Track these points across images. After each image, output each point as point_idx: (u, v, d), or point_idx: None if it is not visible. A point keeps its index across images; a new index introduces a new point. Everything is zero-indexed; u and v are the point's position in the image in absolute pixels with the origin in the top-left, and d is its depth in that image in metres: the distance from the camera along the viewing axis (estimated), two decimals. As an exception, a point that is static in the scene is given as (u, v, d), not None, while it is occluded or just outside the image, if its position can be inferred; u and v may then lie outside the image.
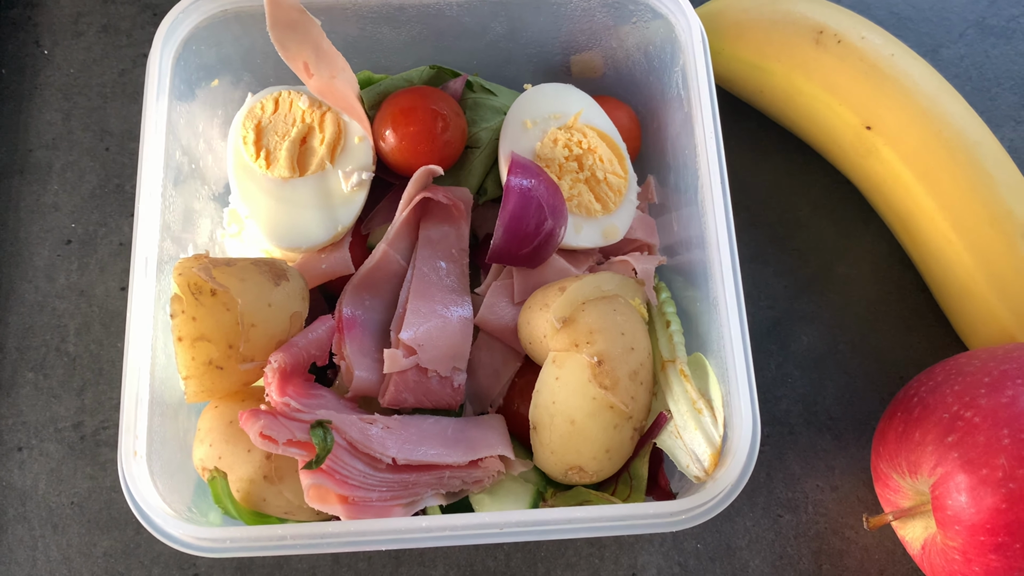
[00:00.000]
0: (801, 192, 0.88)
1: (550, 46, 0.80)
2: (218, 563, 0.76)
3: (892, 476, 0.70)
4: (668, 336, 0.71)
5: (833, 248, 0.86)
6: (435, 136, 0.73)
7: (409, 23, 0.75)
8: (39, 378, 0.81)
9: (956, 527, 0.64)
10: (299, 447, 0.61)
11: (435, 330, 0.71)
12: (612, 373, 0.65)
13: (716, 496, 0.59)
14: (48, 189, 0.87)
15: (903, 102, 0.78)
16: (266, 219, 0.72)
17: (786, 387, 0.82)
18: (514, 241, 0.71)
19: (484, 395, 0.74)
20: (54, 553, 0.76)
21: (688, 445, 0.64)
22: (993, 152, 0.78)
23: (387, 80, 0.77)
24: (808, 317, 0.84)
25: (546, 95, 0.77)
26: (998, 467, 0.62)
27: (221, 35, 0.73)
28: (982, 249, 0.76)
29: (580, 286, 0.68)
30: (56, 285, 0.84)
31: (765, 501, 0.79)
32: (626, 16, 0.75)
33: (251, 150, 0.73)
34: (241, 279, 0.64)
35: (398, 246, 0.74)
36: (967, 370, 0.68)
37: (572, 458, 0.66)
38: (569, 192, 0.75)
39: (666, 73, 0.75)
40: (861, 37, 0.80)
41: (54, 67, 0.91)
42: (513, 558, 0.77)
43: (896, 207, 0.80)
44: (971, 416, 0.64)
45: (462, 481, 0.67)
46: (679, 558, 0.77)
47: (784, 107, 0.84)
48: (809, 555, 0.77)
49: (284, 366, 0.64)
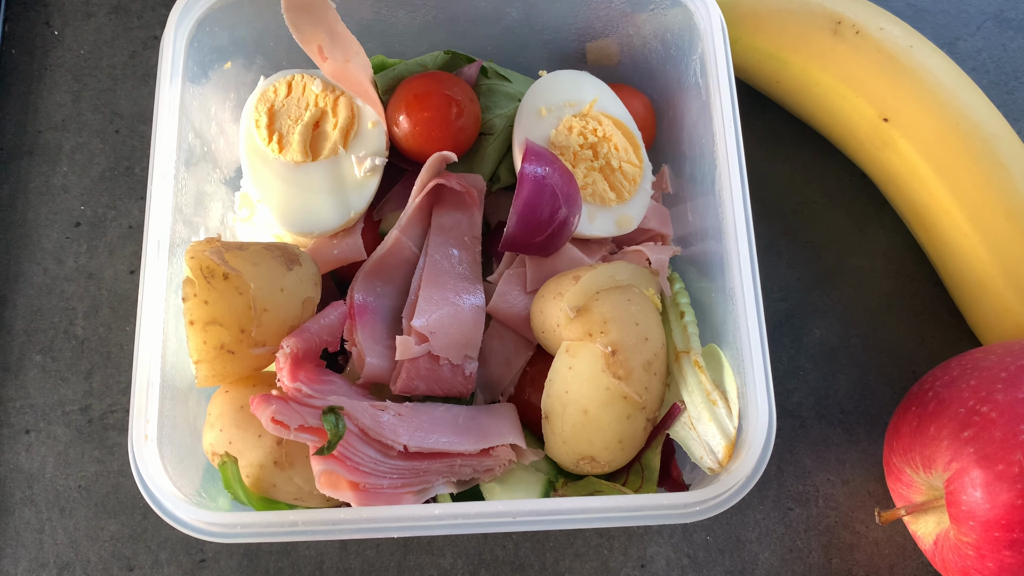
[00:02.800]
0: (816, 184, 0.87)
1: (566, 32, 0.79)
2: (225, 549, 0.76)
3: (905, 470, 0.70)
4: (682, 327, 0.70)
5: (847, 241, 0.85)
6: (449, 122, 0.72)
7: (424, 7, 0.74)
8: (47, 361, 0.80)
9: (970, 522, 0.63)
10: (311, 433, 0.61)
11: (447, 318, 0.70)
12: (626, 363, 0.64)
13: (730, 488, 0.58)
14: (57, 171, 0.86)
15: (921, 94, 0.78)
16: (278, 203, 0.72)
17: (798, 380, 0.81)
18: (527, 229, 0.70)
19: (495, 384, 0.73)
20: (61, 536, 0.76)
21: (702, 437, 0.64)
22: (1011, 146, 0.77)
23: (401, 65, 0.77)
24: (821, 310, 0.83)
25: (561, 82, 0.77)
26: (1015, 463, 0.61)
27: (235, 17, 0.72)
28: (998, 243, 0.75)
29: (594, 275, 0.68)
30: (65, 267, 0.83)
31: (776, 494, 0.78)
32: (644, 3, 0.75)
33: (263, 134, 0.72)
34: (254, 263, 0.64)
35: (410, 233, 0.74)
36: (983, 365, 0.67)
37: (584, 448, 0.65)
38: (583, 180, 0.74)
39: (684, 61, 0.74)
40: (879, 28, 0.80)
41: (64, 48, 0.90)
42: (522, 547, 0.76)
43: (912, 200, 0.80)
44: (987, 411, 0.64)
45: (473, 469, 0.67)
46: (688, 550, 0.76)
47: (800, 98, 0.83)
48: (819, 549, 0.77)
49: (296, 351, 0.64)
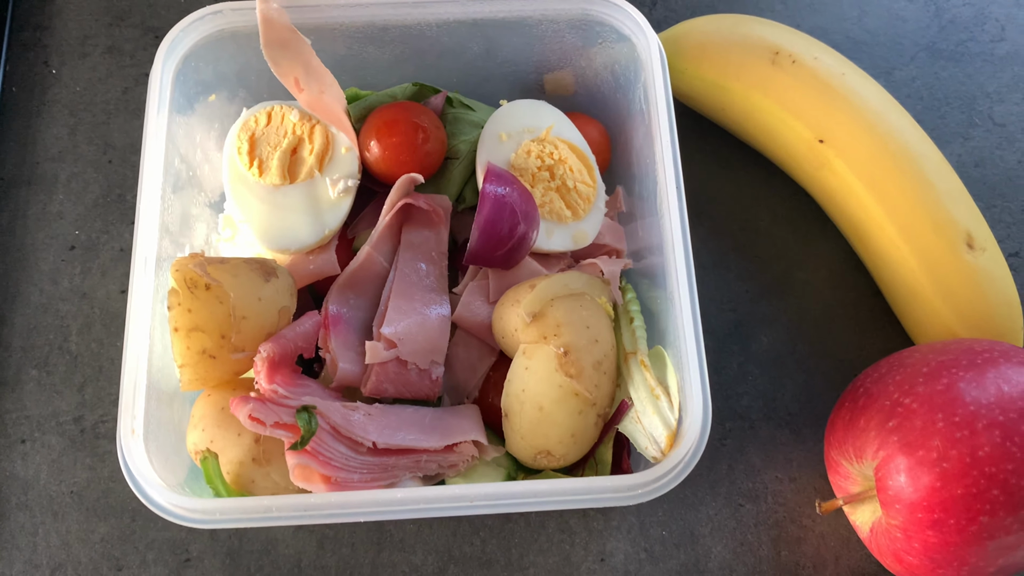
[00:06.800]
0: (762, 203, 0.93)
1: (524, 65, 0.86)
2: (209, 549, 0.80)
3: (842, 463, 0.75)
4: (631, 331, 0.76)
5: (792, 255, 0.92)
6: (416, 147, 0.79)
7: (393, 43, 0.81)
8: (42, 375, 0.86)
9: (897, 506, 0.68)
10: (285, 429, 0.66)
11: (415, 326, 0.76)
12: (577, 363, 0.70)
13: (671, 471, 0.64)
14: (54, 199, 0.92)
15: (853, 117, 0.84)
16: (258, 223, 0.78)
17: (747, 385, 0.87)
18: (489, 244, 0.76)
19: (461, 388, 0.78)
20: (54, 539, 0.81)
21: (647, 429, 0.69)
22: (936, 164, 0.83)
23: (373, 96, 0.83)
24: (768, 320, 0.89)
25: (520, 110, 0.83)
26: (933, 448, 0.67)
27: (218, 53, 0.78)
28: (927, 254, 0.81)
29: (549, 284, 0.73)
30: (60, 288, 0.89)
31: (727, 491, 0.83)
32: (593, 38, 0.81)
33: (245, 160, 0.79)
34: (234, 275, 0.69)
35: (381, 249, 0.79)
36: (908, 362, 0.73)
37: (540, 442, 0.71)
38: (541, 199, 0.80)
39: (631, 90, 0.81)
40: (814, 57, 0.87)
41: (61, 85, 0.97)
42: (489, 543, 0.81)
43: (849, 215, 0.86)
44: (910, 403, 0.69)
45: (438, 465, 0.72)
46: (645, 544, 0.81)
47: (744, 123, 0.90)
48: (768, 542, 0.82)
49: (272, 355, 0.69)
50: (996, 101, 0.98)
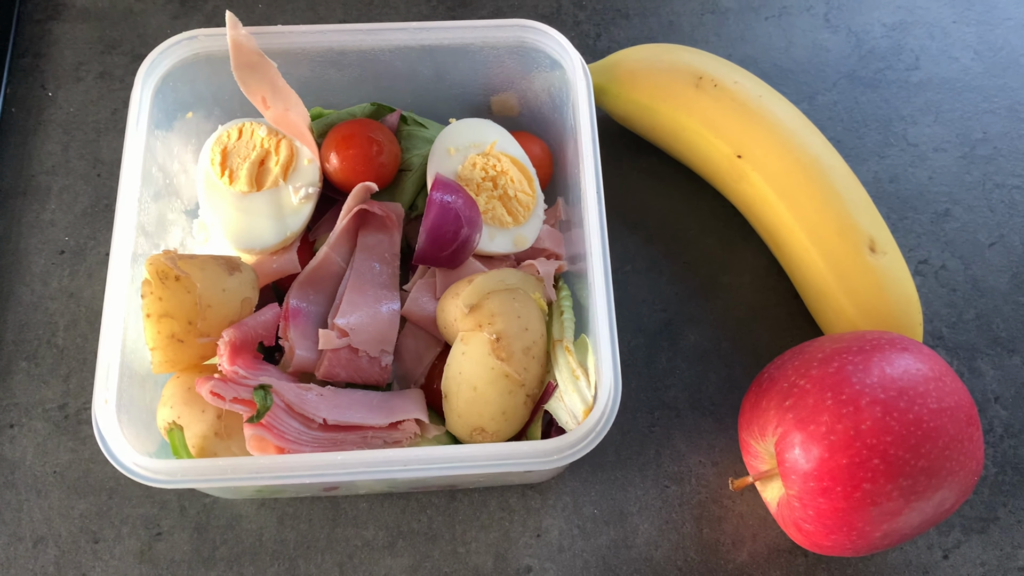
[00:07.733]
0: (691, 213, 1.02)
1: (472, 88, 0.94)
2: (179, 524, 0.88)
3: (750, 442, 0.82)
4: (561, 322, 0.84)
5: (718, 261, 1.00)
6: (371, 158, 0.87)
7: (351, 66, 0.90)
8: (31, 366, 0.94)
9: (793, 476, 0.76)
10: (243, 404, 0.74)
11: (367, 318, 0.84)
12: (508, 348, 0.78)
13: (585, 438, 0.71)
14: (47, 208, 1.01)
15: (768, 135, 0.93)
16: (228, 225, 0.86)
17: (675, 377, 0.95)
18: (435, 245, 0.84)
19: (409, 375, 0.86)
20: (37, 514, 0.88)
21: (568, 406, 0.77)
22: (843, 176, 0.92)
23: (334, 114, 0.92)
24: (696, 319, 0.97)
25: (468, 127, 0.92)
26: (823, 423, 0.74)
27: (195, 74, 0.87)
28: (833, 256, 0.89)
29: (486, 279, 0.82)
30: (49, 288, 0.97)
31: (654, 474, 0.91)
32: (531, 64, 0.90)
33: (218, 169, 0.87)
34: (201, 268, 0.78)
35: (339, 250, 0.88)
36: (807, 350, 0.81)
37: (475, 420, 0.78)
38: (485, 206, 0.89)
39: (564, 111, 0.90)
40: (734, 82, 0.96)
41: (56, 107, 1.06)
42: (435, 520, 0.88)
43: (766, 223, 0.95)
44: (804, 384, 0.77)
45: (383, 441, 0.79)
46: (578, 521, 0.89)
47: (672, 141, 0.99)
48: (692, 521, 0.89)
49: (234, 340, 0.77)
50: (910, 123, 1.08)
